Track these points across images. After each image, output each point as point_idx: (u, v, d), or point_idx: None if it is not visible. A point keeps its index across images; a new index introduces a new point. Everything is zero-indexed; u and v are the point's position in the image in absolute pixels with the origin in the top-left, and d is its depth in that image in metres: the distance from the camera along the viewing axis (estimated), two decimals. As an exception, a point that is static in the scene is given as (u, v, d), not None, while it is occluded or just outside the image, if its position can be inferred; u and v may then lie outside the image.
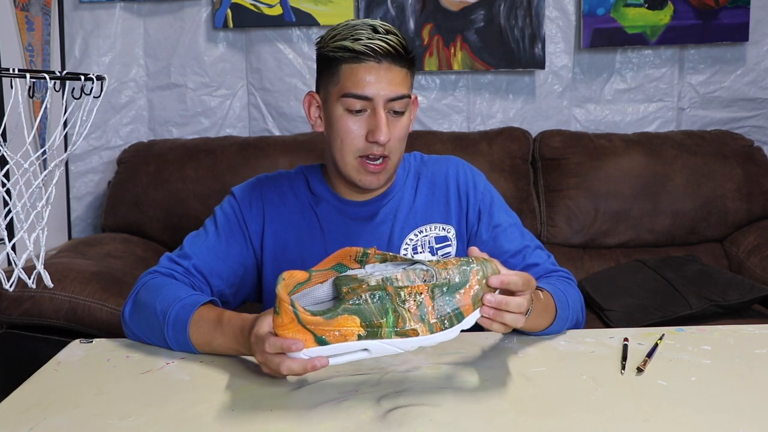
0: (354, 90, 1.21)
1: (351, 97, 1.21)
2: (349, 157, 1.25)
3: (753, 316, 2.07)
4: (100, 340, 1.24)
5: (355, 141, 1.23)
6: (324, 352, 0.93)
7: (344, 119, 1.23)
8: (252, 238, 1.34)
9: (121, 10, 2.68)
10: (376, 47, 1.18)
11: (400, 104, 1.22)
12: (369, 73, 1.20)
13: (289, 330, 0.93)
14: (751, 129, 2.73)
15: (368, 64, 1.19)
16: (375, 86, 1.20)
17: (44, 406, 0.98)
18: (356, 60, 1.20)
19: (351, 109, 1.22)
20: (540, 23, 2.61)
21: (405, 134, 1.26)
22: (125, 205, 2.50)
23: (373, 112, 1.21)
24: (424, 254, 1.35)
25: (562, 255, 2.47)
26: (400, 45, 1.20)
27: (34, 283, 1.09)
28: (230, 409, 0.96)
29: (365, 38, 1.19)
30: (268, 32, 2.69)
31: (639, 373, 1.05)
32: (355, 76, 1.20)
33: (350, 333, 0.93)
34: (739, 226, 2.51)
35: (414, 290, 0.96)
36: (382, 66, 1.20)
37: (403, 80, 1.22)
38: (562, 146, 2.55)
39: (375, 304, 0.94)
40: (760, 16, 2.67)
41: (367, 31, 1.20)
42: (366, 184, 1.27)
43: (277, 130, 2.73)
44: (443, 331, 0.97)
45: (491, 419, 0.92)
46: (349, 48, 1.19)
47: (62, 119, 1.06)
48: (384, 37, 1.19)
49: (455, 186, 1.37)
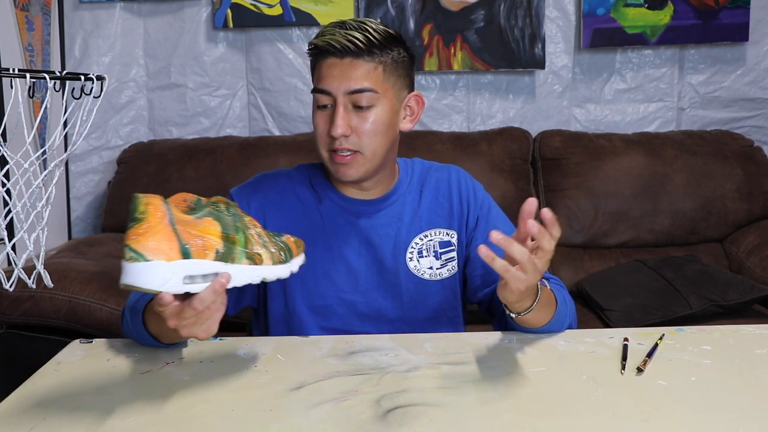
0: (317, 84, 1.25)
1: (316, 92, 1.25)
2: (322, 150, 1.28)
3: (753, 316, 2.07)
4: (100, 340, 1.24)
5: (322, 132, 1.27)
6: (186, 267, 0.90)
7: (315, 115, 1.27)
8: None
9: (121, 10, 2.68)
10: (335, 42, 1.21)
11: (363, 98, 1.22)
12: (330, 68, 1.22)
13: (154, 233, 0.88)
14: (751, 129, 2.73)
15: (330, 60, 1.22)
16: (335, 80, 1.22)
17: (44, 406, 0.98)
18: (321, 56, 1.24)
19: (318, 104, 1.26)
20: (540, 23, 2.61)
21: (377, 129, 1.24)
22: (125, 205, 2.48)
23: (335, 106, 1.23)
24: (429, 258, 1.35)
25: (562, 255, 2.47)
26: (366, 40, 1.21)
27: (34, 283, 1.09)
28: (230, 409, 0.96)
29: (329, 35, 1.22)
30: (268, 32, 2.69)
31: (639, 373, 1.05)
32: (320, 71, 1.24)
33: (210, 245, 0.93)
34: (739, 226, 2.51)
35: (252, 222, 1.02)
36: (344, 61, 1.22)
37: (366, 74, 1.22)
38: (562, 146, 2.55)
39: (231, 217, 0.98)
40: (760, 16, 2.67)
41: (335, 28, 1.22)
42: (340, 176, 1.28)
43: (277, 130, 2.73)
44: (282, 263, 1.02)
45: (491, 419, 0.92)
46: (314, 44, 1.24)
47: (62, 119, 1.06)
48: (347, 33, 1.21)
49: (458, 192, 1.38)
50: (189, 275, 0.91)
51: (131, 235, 0.88)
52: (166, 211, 0.91)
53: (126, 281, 0.88)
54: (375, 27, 1.23)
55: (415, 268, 1.35)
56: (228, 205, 1.01)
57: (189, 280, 0.91)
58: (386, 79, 1.25)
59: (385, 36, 1.24)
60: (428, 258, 1.35)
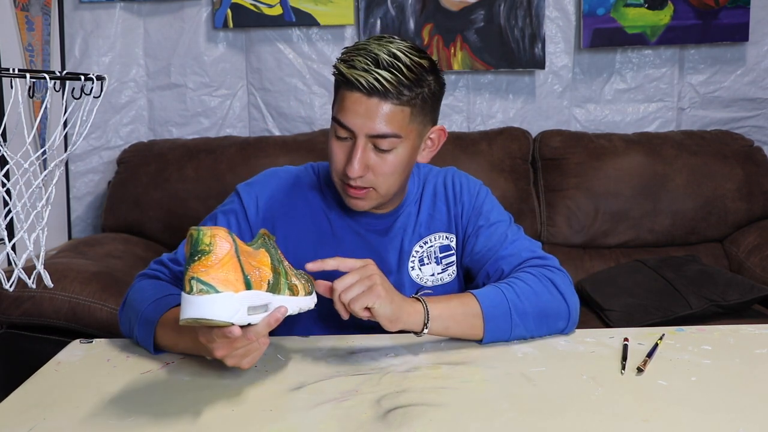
0: (340, 117, 1.17)
1: (337, 123, 1.18)
2: (336, 178, 1.24)
3: (753, 316, 2.07)
4: (100, 340, 1.24)
5: (338, 165, 1.21)
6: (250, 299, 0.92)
7: (333, 140, 1.21)
8: None
9: (121, 10, 2.68)
10: (365, 82, 1.13)
11: (384, 143, 1.16)
12: (356, 103, 1.15)
13: (223, 265, 0.89)
14: (751, 129, 2.73)
15: (356, 95, 1.14)
16: (359, 119, 1.15)
17: (44, 406, 0.98)
18: (348, 87, 1.15)
19: (337, 135, 1.19)
20: (540, 23, 2.61)
21: (395, 170, 1.20)
22: (125, 205, 2.50)
23: (354, 144, 1.17)
24: (431, 265, 1.34)
25: (562, 255, 2.46)
26: (397, 81, 1.13)
27: (34, 283, 1.09)
28: (230, 409, 0.96)
29: (360, 68, 1.13)
30: (268, 32, 2.69)
31: (639, 373, 1.05)
32: (343, 102, 1.16)
33: (264, 276, 0.96)
34: (739, 226, 2.51)
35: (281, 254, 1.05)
36: (371, 101, 1.14)
37: (392, 118, 1.15)
38: (562, 146, 2.55)
39: (274, 249, 1.02)
40: (760, 16, 2.67)
41: (366, 60, 1.13)
42: (350, 206, 1.25)
43: (277, 130, 2.73)
44: (309, 295, 1.07)
45: (491, 419, 0.92)
46: (343, 73, 1.16)
47: (62, 119, 1.06)
48: (378, 72, 1.12)
49: (452, 194, 1.36)
50: (251, 306, 0.93)
51: (199, 267, 0.88)
52: (231, 243, 0.92)
53: (194, 315, 0.88)
54: (409, 63, 1.14)
55: (418, 277, 1.34)
56: (269, 236, 1.03)
57: (252, 311, 0.93)
58: (412, 121, 1.18)
59: (418, 73, 1.16)
60: (430, 265, 1.34)
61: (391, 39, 1.18)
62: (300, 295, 1.04)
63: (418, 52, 1.18)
